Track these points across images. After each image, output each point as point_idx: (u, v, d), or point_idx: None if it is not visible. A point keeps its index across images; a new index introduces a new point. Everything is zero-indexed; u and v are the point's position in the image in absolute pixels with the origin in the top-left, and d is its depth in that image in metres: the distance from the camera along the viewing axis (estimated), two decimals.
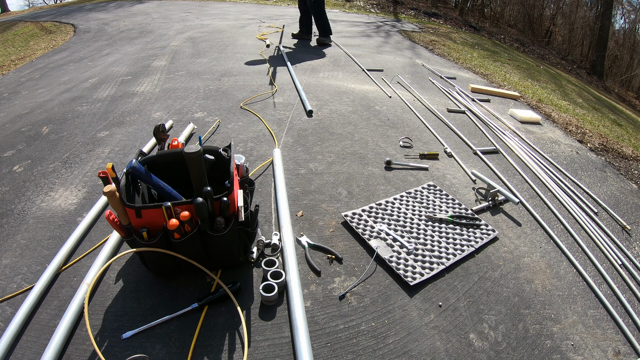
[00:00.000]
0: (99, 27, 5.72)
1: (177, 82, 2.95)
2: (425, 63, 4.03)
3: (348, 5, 9.15)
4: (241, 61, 3.53)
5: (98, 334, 1.00)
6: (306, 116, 2.33)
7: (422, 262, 1.26)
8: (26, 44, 5.32)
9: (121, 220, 1.00)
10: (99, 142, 2.02)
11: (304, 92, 2.66)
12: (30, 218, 1.45)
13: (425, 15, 8.94)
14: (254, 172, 1.73)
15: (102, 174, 1.00)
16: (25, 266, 1.22)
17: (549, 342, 1.06)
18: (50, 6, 12.02)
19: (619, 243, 1.56)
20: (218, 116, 2.29)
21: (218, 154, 1.20)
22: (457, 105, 2.81)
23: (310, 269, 1.22)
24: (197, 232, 1.02)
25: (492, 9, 12.02)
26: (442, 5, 10.86)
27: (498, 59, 5.36)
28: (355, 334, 1.03)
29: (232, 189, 1.03)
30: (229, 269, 1.20)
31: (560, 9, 13.18)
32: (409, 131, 2.25)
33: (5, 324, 1.02)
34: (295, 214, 1.47)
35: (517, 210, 1.62)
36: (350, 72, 3.39)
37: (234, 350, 0.97)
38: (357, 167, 1.83)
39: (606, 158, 2.39)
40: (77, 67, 3.67)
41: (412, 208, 1.53)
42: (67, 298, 1.09)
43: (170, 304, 1.08)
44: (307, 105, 2.41)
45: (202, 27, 5.37)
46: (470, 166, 1.93)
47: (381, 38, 5.35)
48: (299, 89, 2.75)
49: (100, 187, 1.63)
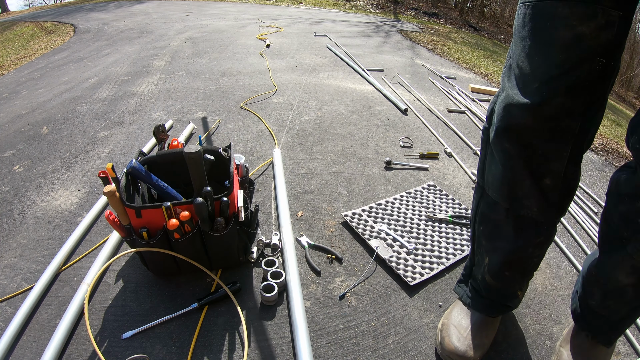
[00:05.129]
0: (99, 27, 5.72)
1: (177, 82, 2.95)
2: (425, 63, 4.03)
3: (348, 5, 9.15)
4: (241, 61, 3.53)
5: (98, 334, 1.00)
6: (306, 116, 2.33)
7: (422, 262, 1.26)
8: (26, 44, 5.32)
9: (121, 220, 1.00)
10: (99, 142, 2.02)
11: (303, 92, 2.66)
12: (30, 218, 1.45)
13: (425, 15, 8.94)
14: (254, 172, 1.73)
15: (102, 174, 1.00)
16: (25, 266, 1.22)
17: (549, 342, 1.06)
18: (50, 6, 12.02)
19: None
20: (218, 116, 2.29)
21: (218, 154, 1.20)
22: (457, 105, 2.81)
23: (310, 269, 1.23)
24: (197, 232, 1.02)
25: (492, 9, 12.02)
26: (442, 5, 10.86)
27: (498, 59, 5.36)
28: (355, 334, 1.03)
29: (232, 189, 1.03)
30: (229, 269, 1.20)
31: None
32: (409, 131, 2.25)
33: (5, 324, 1.02)
34: (295, 214, 1.47)
35: None
36: (350, 72, 3.40)
37: (234, 350, 0.97)
38: (357, 167, 1.83)
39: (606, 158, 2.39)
40: (77, 67, 3.67)
41: (412, 208, 1.53)
42: (67, 298, 1.09)
43: (170, 304, 1.08)
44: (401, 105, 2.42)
45: (202, 27, 5.37)
46: (470, 166, 1.93)
47: (381, 38, 5.35)
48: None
49: (100, 187, 1.63)
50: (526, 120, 0.69)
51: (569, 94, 0.64)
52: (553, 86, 0.65)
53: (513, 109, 0.71)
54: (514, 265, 0.89)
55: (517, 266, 0.90)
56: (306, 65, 3.50)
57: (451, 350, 0.93)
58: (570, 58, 0.62)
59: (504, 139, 0.74)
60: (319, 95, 2.70)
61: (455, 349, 0.93)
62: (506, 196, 0.81)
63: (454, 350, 0.93)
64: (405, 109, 2.54)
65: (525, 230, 0.83)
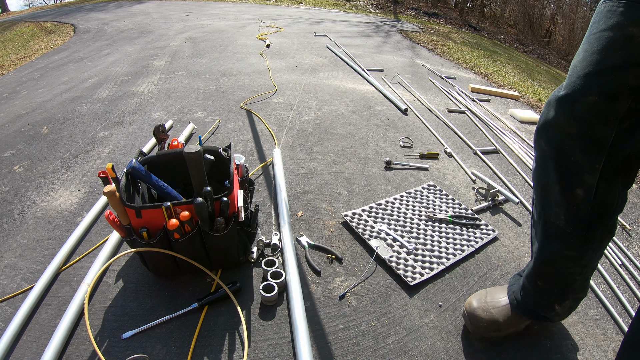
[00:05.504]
0: (99, 27, 5.72)
1: (177, 82, 2.95)
2: (425, 63, 4.03)
3: (348, 5, 9.15)
4: (241, 61, 3.53)
5: (98, 334, 1.00)
6: (306, 116, 2.33)
7: (422, 262, 1.26)
8: (26, 44, 5.32)
9: (121, 220, 1.00)
10: (99, 142, 2.02)
11: (303, 92, 2.66)
12: (30, 218, 1.45)
13: (425, 15, 8.94)
14: (254, 172, 1.73)
15: (102, 174, 1.00)
16: (25, 266, 1.22)
17: (549, 342, 1.06)
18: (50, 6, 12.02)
19: (619, 243, 1.56)
20: (218, 116, 2.29)
21: (218, 154, 1.20)
22: (457, 105, 2.81)
23: (310, 269, 1.23)
24: (197, 232, 1.02)
25: (492, 9, 12.02)
26: (442, 5, 10.86)
27: (498, 59, 5.36)
28: (355, 334, 1.03)
29: (232, 189, 1.03)
30: (229, 269, 1.20)
31: (560, 9, 13.18)
32: (409, 131, 2.25)
33: (5, 324, 1.02)
34: (295, 214, 1.47)
35: (517, 210, 1.62)
36: (350, 72, 3.39)
37: (234, 350, 0.97)
38: (357, 167, 1.83)
39: None
40: (77, 67, 3.67)
41: (412, 208, 1.53)
42: (67, 298, 1.09)
43: (170, 304, 1.08)
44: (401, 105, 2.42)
45: (202, 27, 5.37)
46: (470, 166, 1.93)
47: (381, 38, 5.35)
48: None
49: (100, 187, 1.63)
50: (559, 118, 0.67)
51: (604, 95, 0.60)
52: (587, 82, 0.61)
53: (551, 105, 0.69)
54: (547, 276, 0.87)
55: (550, 278, 0.87)
56: (306, 65, 3.50)
57: (467, 301, 1.05)
58: (613, 57, 0.58)
59: (542, 137, 0.73)
60: (319, 95, 2.70)
61: (469, 302, 1.03)
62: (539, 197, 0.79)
63: (468, 301, 1.04)
64: (405, 109, 2.54)
65: (554, 239, 0.80)
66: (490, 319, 0.97)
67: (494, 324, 0.97)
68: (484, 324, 0.97)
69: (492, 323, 0.97)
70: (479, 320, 0.98)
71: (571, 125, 0.65)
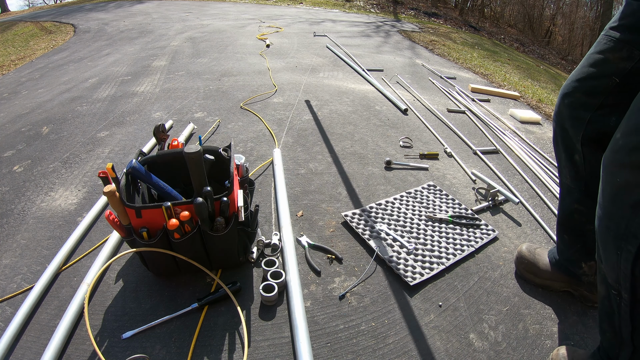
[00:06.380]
0: (99, 27, 5.72)
1: (177, 82, 2.95)
2: (425, 63, 4.03)
3: (348, 5, 9.16)
4: (241, 61, 3.53)
5: (98, 334, 1.00)
6: (306, 116, 2.33)
7: (422, 262, 1.26)
8: (26, 44, 5.32)
9: (121, 220, 1.00)
10: (99, 142, 2.02)
11: (303, 91, 2.66)
12: (30, 218, 1.45)
13: (425, 15, 8.95)
14: (254, 172, 1.73)
15: (102, 174, 1.00)
16: (25, 266, 1.22)
17: (549, 342, 1.06)
18: (50, 6, 12.03)
19: None
20: (218, 116, 2.29)
21: (218, 154, 1.20)
22: (457, 105, 2.81)
23: (310, 269, 1.23)
24: (197, 232, 1.02)
25: (492, 9, 12.02)
26: (442, 5, 10.86)
27: (498, 59, 5.37)
28: (355, 334, 1.03)
29: (232, 189, 1.03)
30: (229, 269, 1.20)
31: (560, 9, 13.19)
32: (409, 131, 2.25)
33: (5, 324, 1.02)
34: (295, 214, 1.47)
35: (517, 210, 1.62)
36: (350, 72, 3.40)
37: (234, 350, 0.97)
38: (357, 167, 1.83)
39: None
40: (77, 67, 3.67)
41: (412, 208, 1.53)
42: (67, 298, 1.09)
43: (170, 304, 1.08)
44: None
45: (202, 27, 5.37)
46: (470, 166, 1.93)
47: (381, 38, 5.35)
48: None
49: (100, 187, 1.63)
50: (560, 106, 1.00)
51: (586, 93, 0.93)
52: (577, 84, 0.95)
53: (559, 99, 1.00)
54: (568, 228, 1.10)
55: (571, 230, 1.09)
56: (306, 65, 3.50)
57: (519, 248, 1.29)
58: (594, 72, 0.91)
59: (553, 120, 1.04)
60: (319, 95, 2.70)
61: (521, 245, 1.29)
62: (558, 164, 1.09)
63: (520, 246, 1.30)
64: (405, 109, 2.54)
65: (566, 195, 1.08)
66: (532, 260, 1.23)
67: (533, 266, 1.22)
68: (525, 261, 1.24)
69: (531, 264, 1.22)
70: (523, 258, 1.25)
71: (567, 112, 0.98)
